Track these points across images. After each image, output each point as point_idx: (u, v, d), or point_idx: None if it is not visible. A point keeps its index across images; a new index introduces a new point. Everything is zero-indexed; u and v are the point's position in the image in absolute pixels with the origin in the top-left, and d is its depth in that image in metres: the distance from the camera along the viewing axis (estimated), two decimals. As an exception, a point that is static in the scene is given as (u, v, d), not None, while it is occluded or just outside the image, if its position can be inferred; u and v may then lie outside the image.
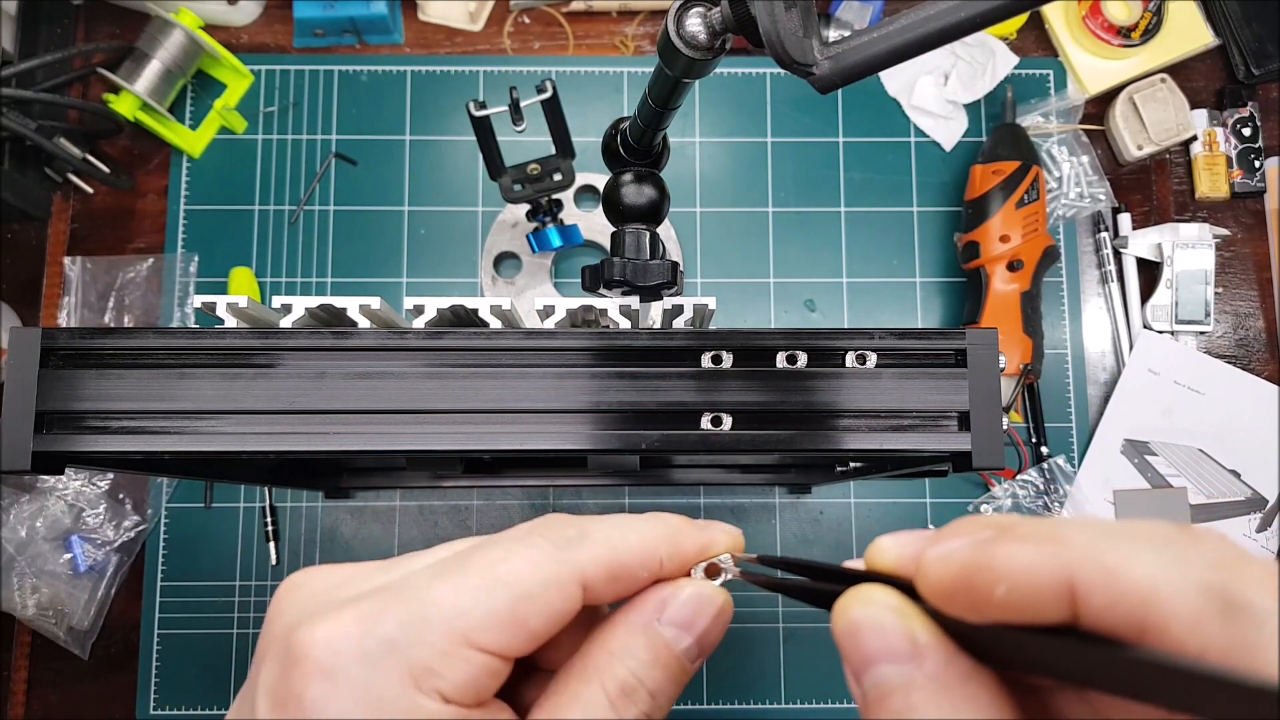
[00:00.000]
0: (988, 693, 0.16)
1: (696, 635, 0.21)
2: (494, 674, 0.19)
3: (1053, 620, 0.15)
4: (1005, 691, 0.17)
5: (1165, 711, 0.14)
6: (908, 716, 0.16)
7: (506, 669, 0.20)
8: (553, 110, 0.59)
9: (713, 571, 0.22)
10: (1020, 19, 0.77)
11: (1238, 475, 0.71)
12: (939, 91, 0.76)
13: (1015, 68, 0.75)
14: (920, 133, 0.76)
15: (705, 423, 0.33)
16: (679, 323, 0.39)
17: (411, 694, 0.18)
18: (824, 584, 0.20)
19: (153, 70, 0.70)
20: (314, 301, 0.36)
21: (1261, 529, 0.70)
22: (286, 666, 0.19)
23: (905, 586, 0.18)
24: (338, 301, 0.37)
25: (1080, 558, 0.15)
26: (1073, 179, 0.75)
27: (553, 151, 0.63)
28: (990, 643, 0.16)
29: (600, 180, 0.73)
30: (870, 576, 0.18)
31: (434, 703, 0.19)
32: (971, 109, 0.76)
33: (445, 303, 0.37)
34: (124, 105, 0.70)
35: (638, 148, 0.43)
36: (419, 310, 0.37)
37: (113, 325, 0.72)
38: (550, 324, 0.38)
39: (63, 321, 0.72)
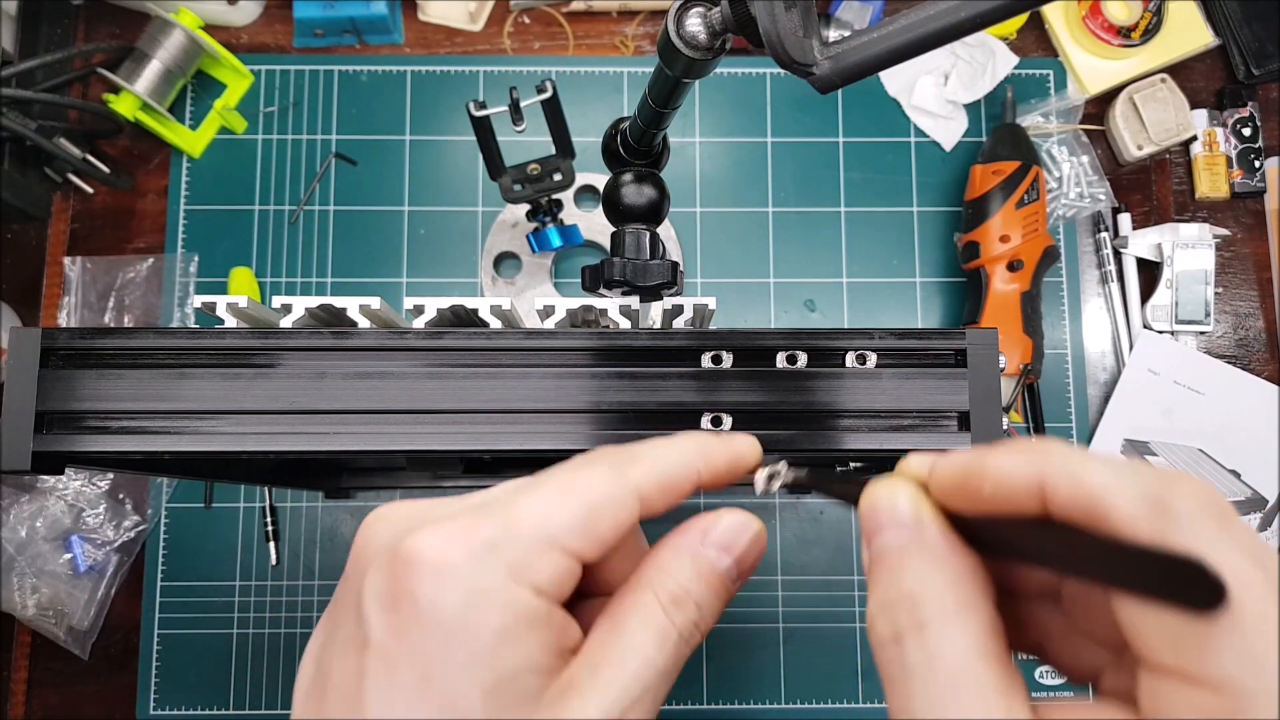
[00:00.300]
0: (967, 567, 0.20)
1: (736, 556, 0.24)
2: (573, 574, 0.22)
3: (1026, 511, 0.19)
4: (983, 575, 0.20)
5: (1105, 587, 0.18)
6: (900, 571, 0.20)
7: (579, 572, 0.23)
8: (553, 110, 0.59)
9: (772, 475, 0.27)
10: (1020, 19, 0.77)
11: (1238, 475, 0.71)
12: (939, 91, 0.76)
13: (1015, 68, 0.75)
14: (920, 133, 0.76)
15: (705, 423, 0.33)
16: (679, 323, 0.39)
17: (511, 586, 0.21)
18: (853, 483, 0.23)
19: (153, 70, 0.70)
20: (314, 301, 0.36)
21: (1261, 529, 0.70)
22: (397, 569, 0.21)
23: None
24: (338, 301, 0.37)
25: (1051, 464, 0.19)
26: (1073, 179, 0.75)
27: (553, 151, 0.63)
28: (979, 532, 0.20)
29: (600, 180, 0.73)
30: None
31: (529, 594, 0.21)
32: (971, 109, 0.76)
33: (445, 303, 0.37)
34: (124, 105, 0.70)
35: (638, 148, 0.43)
36: (419, 310, 0.37)
37: (113, 325, 0.72)
38: (550, 324, 0.38)
39: (63, 321, 0.72)
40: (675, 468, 0.24)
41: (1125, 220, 0.74)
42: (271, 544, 0.70)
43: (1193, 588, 0.15)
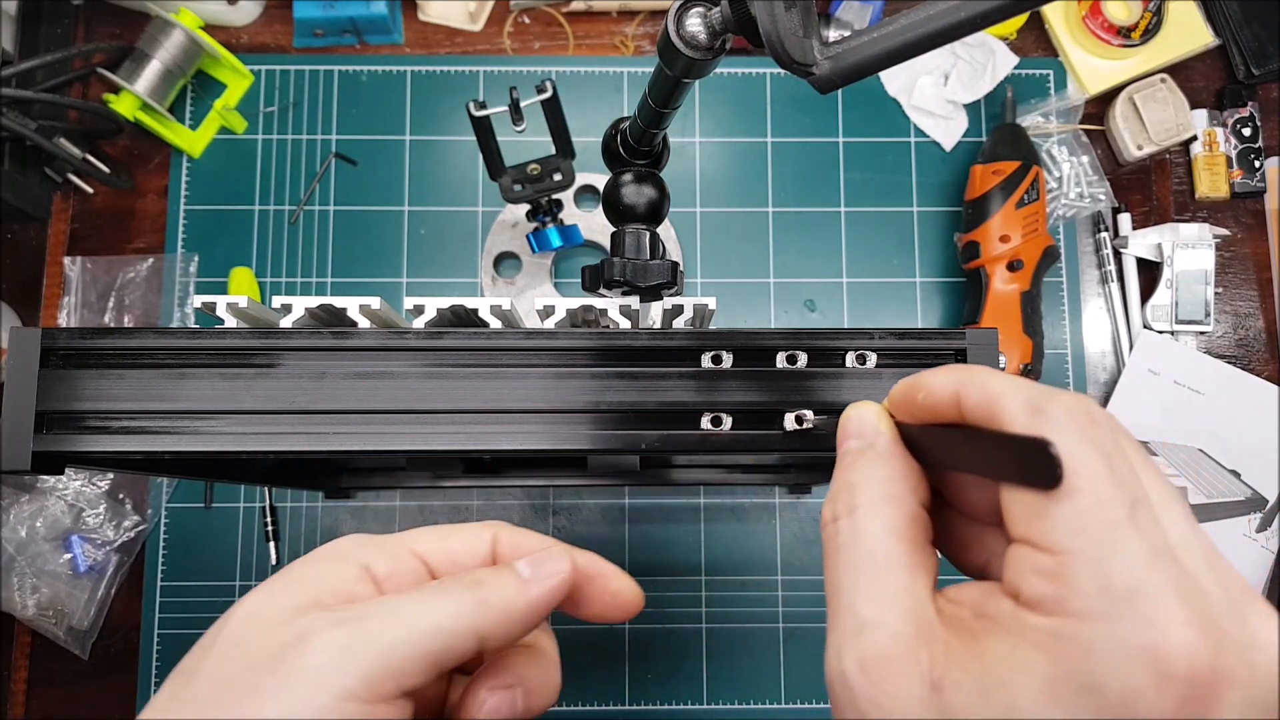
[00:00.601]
0: (903, 470, 0.24)
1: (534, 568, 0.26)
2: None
3: (949, 418, 0.23)
4: (919, 479, 0.24)
5: (988, 478, 0.23)
6: (850, 469, 0.25)
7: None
8: (553, 110, 0.59)
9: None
10: (1020, 19, 0.77)
11: (1238, 475, 0.71)
12: (939, 91, 0.76)
13: (1015, 68, 0.75)
14: (920, 133, 0.76)
15: (705, 423, 0.33)
16: (679, 323, 0.39)
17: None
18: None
19: (153, 70, 0.70)
20: (314, 301, 0.36)
21: (1262, 529, 0.70)
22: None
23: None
24: (338, 301, 0.37)
25: (965, 376, 0.23)
26: (1073, 179, 0.75)
27: (553, 151, 0.63)
28: (919, 439, 0.25)
29: (600, 180, 0.73)
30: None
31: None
32: (971, 109, 0.76)
33: (445, 303, 0.37)
34: (124, 105, 0.70)
35: (638, 148, 0.43)
36: (419, 310, 0.37)
37: (113, 325, 0.72)
38: (550, 324, 0.38)
39: (63, 321, 0.72)
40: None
41: (1125, 220, 0.74)
42: (271, 544, 0.70)
43: (1041, 470, 0.20)
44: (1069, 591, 0.19)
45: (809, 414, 0.31)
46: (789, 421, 0.31)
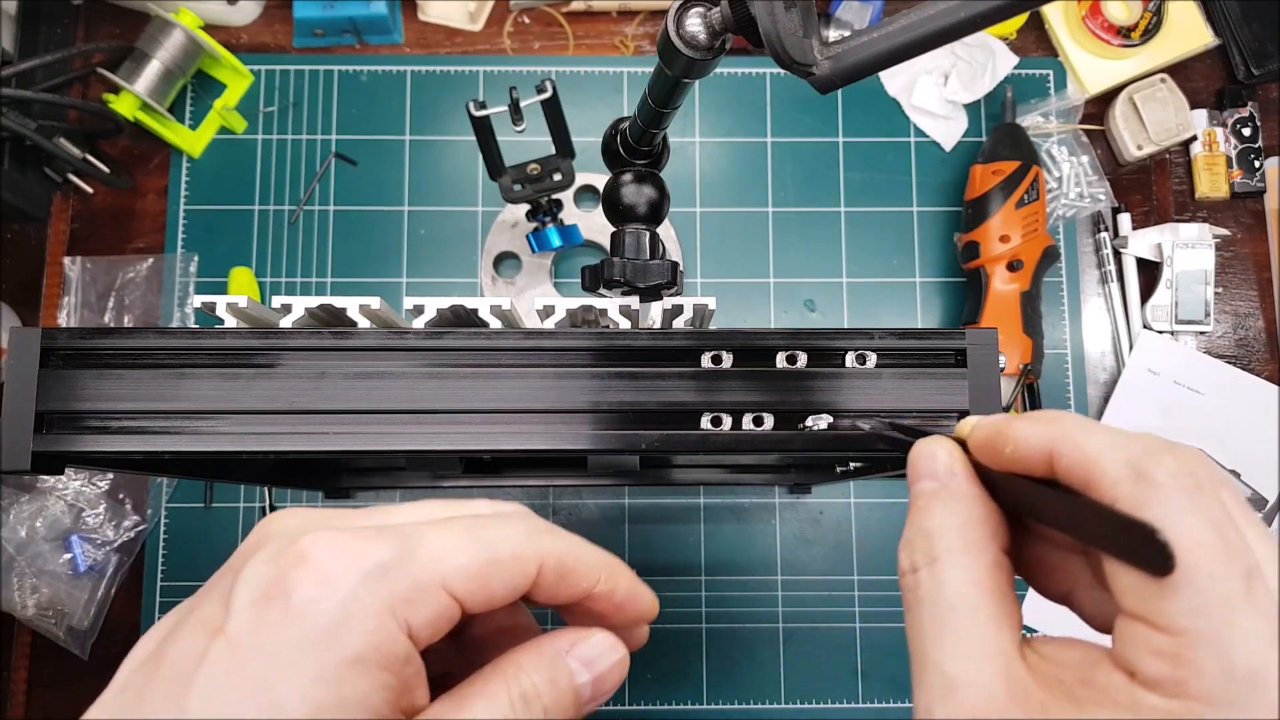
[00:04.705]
0: (982, 514, 0.23)
1: (595, 674, 0.24)
2: (450, 622, 0.22)
3: (1039, 473, 0.22)
4: (999, 522, 0.23)
5: (1089, 543, 0.22)
6: (925, 513, 0.23)
7: (456, 621, 0.22)
8: (553, 110, 0.58)
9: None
10: (1020, 19, 0.77)
11: (1238, 475, 0.71)
12: (939, 91, 0.76)
13: (1015, 68, 0.75)
14: (920, 133, 0.76)
15: (705, 423, 0.33)
16: (679, 323, 0.39)
17: (386, 617, 0.21)
18: (907, 438, 0.27)
19: (153, 70, 0.70)
20: (314, 301, 0.36)
21: (1261, 529, 0.70)
22: (287, 565, 0.21)
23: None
24: (338, 301, 0.37)
25: (1060, 433, 0.22)
26: (1073, 179, 0.75)
27: (553, 151, 0.63)
28: (1002, 485, 0.23)
29: (600, 180, 0.73)
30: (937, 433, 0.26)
31: (399, 632, 0.21)
32: (971, 109, 0.76)
33: (445, 303, 0.37)
34: (124, 105, 0.70)
35: (638, 148, 0.43)
36: (419, 310, 0.37)
37: (113, 325, 0.72)
38: (550, 324, 0.38)
39: (63, 321, 0.72)
40: (584, 562, 0.24)
41: (1125, 220, 0.74)
42: (271, 544, 0.69)
43: (1151, 551, 0.19)
44: (1191, 674, 0.18)
45: (827, 418, 0.32)
46: (813, 421, 0.31)
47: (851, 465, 0.52)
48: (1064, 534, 0.24)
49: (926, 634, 0.22)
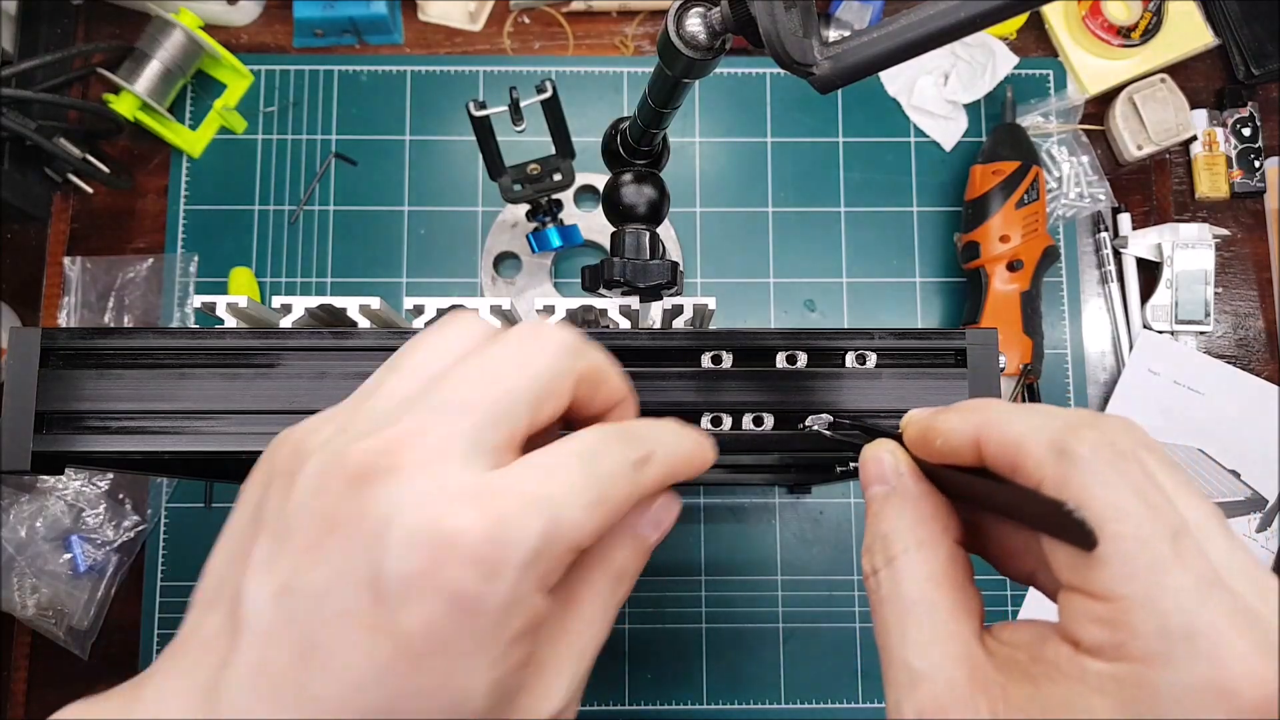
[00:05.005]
0: (930, 509, 0.24)
1: (662, 531, 0.25)
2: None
3: (969, 461, 0.23)
4: (948, 515, 0.24)
5: (1025, 525, 0.23)
6: (879, 516, 0.24)
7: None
8: (553, 110, 0.59)
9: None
10: (1020, 19, 0.77)
11: (1238, 475, 0.71)
12: (939, 91, 0.76)
13: (1015, 68, 0.75)
14: (920, 133, 0.76)
15: (705, 423, 0.33)
16: (679, 323, 0.39)
17: (535, 592, 0.20)
18: (861, 438, 0.28)
19: (153, 70, 0.70)
20: (314, 301, 0.36)
21: (1261, 529, 0.70)
22: (436, 554, 0.19)
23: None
24: (338, 301, 0.37)
25: (984, 421, 0.22)
26: (1073, 179, 0.75)
27: (553, 151, 0.63)
28: (939, 477, 0.24)
29: (600, 180, 0.73)
30: (888, 433, 0.27)
31: (541, 598, 0.20)
32: (971, 109, 0.76)
33: (445, 303, 0.37)
34: (124, 105, 0.70)
35: (638, 148, 0.43)
36: (419, 310, 0.37)
37: (113, 325, 0.72)
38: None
39: (63, 321, 0.72)
40: (681, 469, 0.25)
41: (1125, 220, 0.74)
42: (271, 544, 0.69)
43: (1075, 529, 0.19)
44: (1128, 636, 0.19)
45: (827, 417, 0.32)
46: (813, 421, 0.32)
47: (851, 465, 0.52)
48: (1005, 518, 0.25)
49: (891, 631, 0.22)
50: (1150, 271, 0.74)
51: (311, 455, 0.21)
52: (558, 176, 0.64)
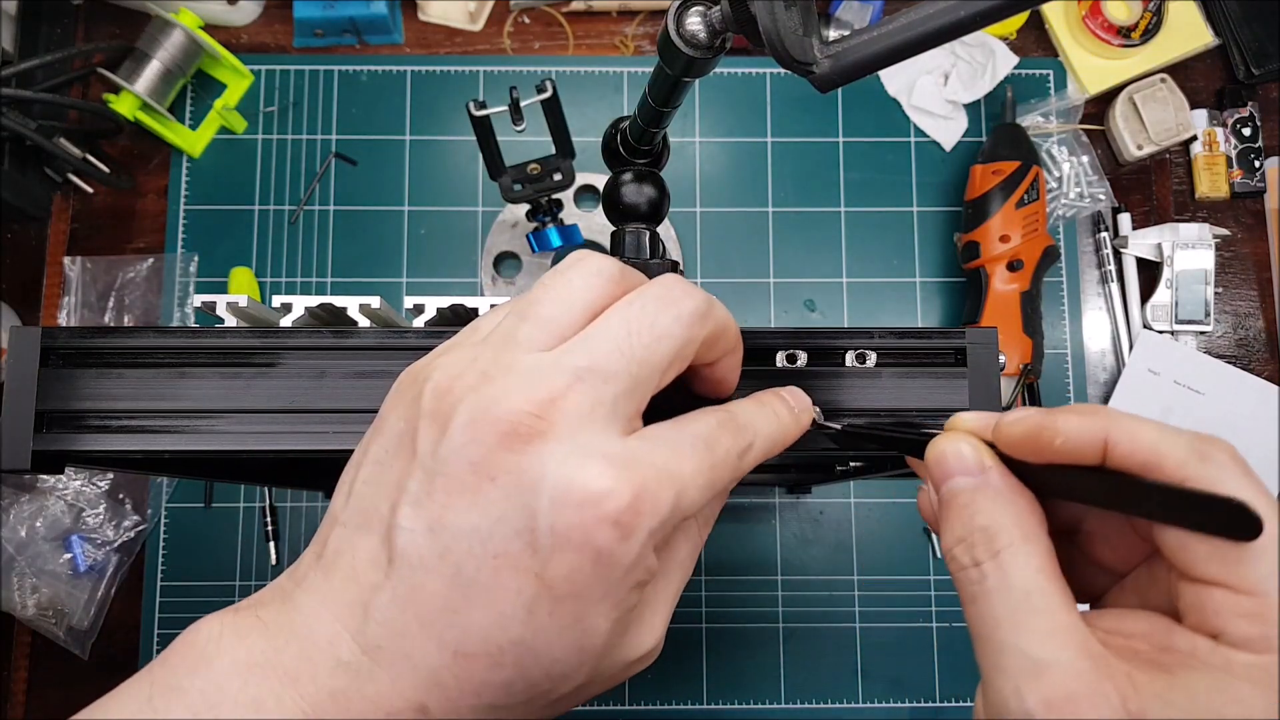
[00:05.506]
0: (1028, 504, 0.24)
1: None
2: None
3: (1090, 462, 0.23)
4: (1039, 511, 0.24)
5: (1152, 521, 0.23)
6: (972, 509, 0.24)
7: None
8: (553, 110, 0.59)
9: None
10: (1020, 19, 0.77)
11: (1238, 475, 0.71)
12: (939, 91, 0.76)
13: (1015, 68, 0.75)
14: (920, 133, 0.76)
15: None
16: (679, 322, 0.39)
17: (651, 554, 0.24)
18: (909, 435, 0.28)
19: (153, 70, 0.70)
20: (314, 301, 0.36)
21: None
22: (596, 522, 0.22)
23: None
24: (338, 301, 0.37)
25: (1113, 424, 0.23)
26: (1073, 179, 0.75)
27: (553, 151, 0.63)
28: (1040, 477, 0.24)
29: (600, 180, 0.73)
30: (924, 434, 0.27)
31: (653, 558, 0.24)
32: (971, 109, 0.76)
33: (445, 302, 0.37)
34: (124, 105, 0.70)
35: (638, 147, 0.43)
36: (419, 310, 0.37)
37: (113, 325, 0.72)
38: (550, 323, 0.38)
39: (63, 321, 0.72)
40: (773, 451, 0.28)
41: (1125, 220, 0.74)
42: (271, 544, 0.70)
43: (1235, 522, 0.20)
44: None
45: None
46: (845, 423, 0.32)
47: (851, 465, 0.52)
48: (1117, 513, 0.25)
49: (1001, 622, 0.22)
50: (1150, 271, 0.74)
51: (461, 402, 0.23)
52: (558, 176, 0.64)
